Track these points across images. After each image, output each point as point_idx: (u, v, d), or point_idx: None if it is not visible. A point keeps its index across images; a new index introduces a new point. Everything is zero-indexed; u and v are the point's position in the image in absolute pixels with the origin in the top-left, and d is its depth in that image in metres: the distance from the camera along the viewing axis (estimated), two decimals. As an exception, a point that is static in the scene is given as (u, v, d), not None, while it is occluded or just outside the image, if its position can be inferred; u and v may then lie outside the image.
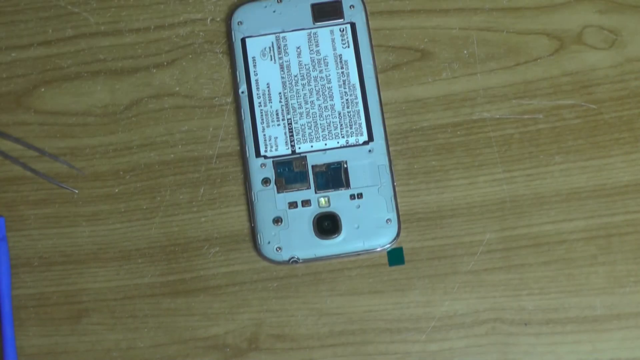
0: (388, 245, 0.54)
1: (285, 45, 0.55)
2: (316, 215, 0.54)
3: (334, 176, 0.54)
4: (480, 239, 0.55)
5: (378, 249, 0.54)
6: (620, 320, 0.54)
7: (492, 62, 0.57)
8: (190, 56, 0.58)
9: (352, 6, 0.56)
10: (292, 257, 0.54)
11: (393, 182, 0.54)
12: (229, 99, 0.57)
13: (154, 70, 0.58)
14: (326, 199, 0.54)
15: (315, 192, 0.54)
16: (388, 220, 0.54)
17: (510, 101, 0.57)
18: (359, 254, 0.54)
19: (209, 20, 0.58)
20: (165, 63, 0.58)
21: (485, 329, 0.54)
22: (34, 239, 0.56)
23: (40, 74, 0.58)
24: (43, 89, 0.58)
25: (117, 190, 0.57)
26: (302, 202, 0.54)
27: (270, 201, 0.54)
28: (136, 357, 0.55)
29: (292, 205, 0.54)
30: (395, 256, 0.55)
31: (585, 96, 0.56)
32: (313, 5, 0.56)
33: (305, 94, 0.55)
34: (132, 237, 0.56)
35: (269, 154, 0.55)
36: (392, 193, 0.54)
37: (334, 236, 0.54)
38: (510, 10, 0.58)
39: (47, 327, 0.55)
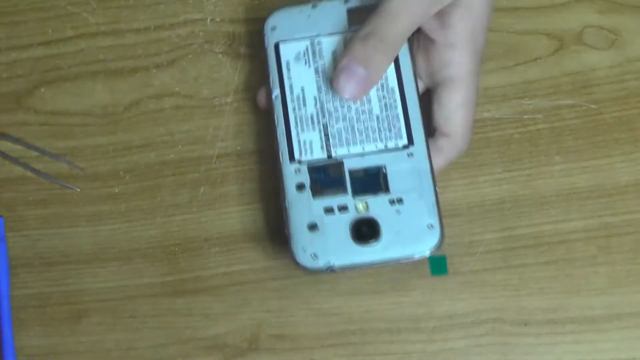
0: (428, 252, 0.50)
1: (320, 49, 0.54)
2: (353, 220, 0.51)
3: (372, 181, 0.52)
4: (480, 239, 0.55)
5: (417, 256, 0.51)
6: (620, 320, 0.54)
7: (491, 62, 0.57)
8: (190, 56, 0.58)
9: None
10: (329, 265, 0.51)
11: (435, 186, 0.51)
12: (229, 99, 0.57)
13: (154, 71, 0.58)
14: (364, 204, 0.51)
15: (353, 198, 0.52)
16: (430, 226, 0.51)
17: (510, 101, 0.57)
18: (398, 261, 0.51)
19: (209, 20, 0.58)
20: (165, 63, 0.58)
21: (485, 329, 0.54)
22: (34, 239, 0.56)
23: (41, 74, 0.58)
24: (43, 89, 0.58)
25: (117, 190, 0.57)
26: (339, 207, 0.52)
27: (305, 207, 0.52)
28: (136, 357, 0.55)
29: (329, 210, 0.51)
30: (438, 264, 0.54)
31: (585, 96, 0.56)
32: (349, 11, 0.54)
33: (341, 97, 0.53)
34: (132, 237, 0.56)
35: (303, 158, 0.53)
36: (434, 198, 0.51)
37: (372, 242, 0.51)
38: (510, 10, 0.58)
39: (47, 327, 0.56)
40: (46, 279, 0.56)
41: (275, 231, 0.56)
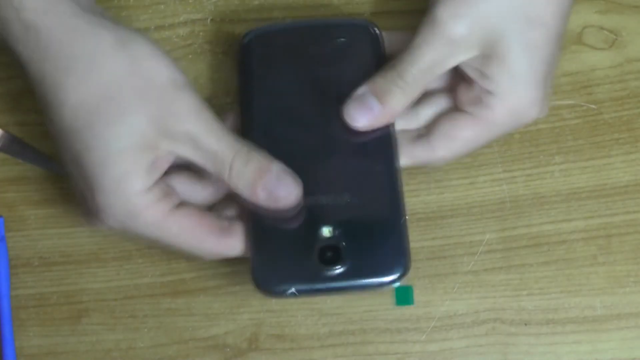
0: (392, 281, 0.49)
1: None
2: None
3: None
4: (480, 239, 0.55)
5: (381, 284, 0.49)
6: (620, 320, 0.54)
7: (492, 62, 0.57)
8: (190, 56, 0.58)
9: None
10: (291, 290, 0.49)
11: (404, 215, 0.50)
12: (229, 99, 0.57)
13: (154, 71, 0.58)
14: (329, 229, 0.49)
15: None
16: None
17: (510, 101, 0.57)
18: (364, 289, 0.49)
19: (209, 20, 0.58)
20: (165, 63, 0.58)
21: (485, 329, 0.54)
22: (34, 239, 0.56)
23: (41, 74, 0.58)
24: (43, 89, 0.58)
25: (117, 190, 0.57)
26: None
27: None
28: (136, 357, 0.55)
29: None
30: (403, 295, 0.54)
31: (585, 96, 0.56)
32: None
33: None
34: (132, 237, 0.56)
35: None
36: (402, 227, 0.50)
37: (336, 267, 0.48)
38: (510, 10, 0.58)
39: (47, 327, 0.56)
40: (46, 279, 0.56)
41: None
